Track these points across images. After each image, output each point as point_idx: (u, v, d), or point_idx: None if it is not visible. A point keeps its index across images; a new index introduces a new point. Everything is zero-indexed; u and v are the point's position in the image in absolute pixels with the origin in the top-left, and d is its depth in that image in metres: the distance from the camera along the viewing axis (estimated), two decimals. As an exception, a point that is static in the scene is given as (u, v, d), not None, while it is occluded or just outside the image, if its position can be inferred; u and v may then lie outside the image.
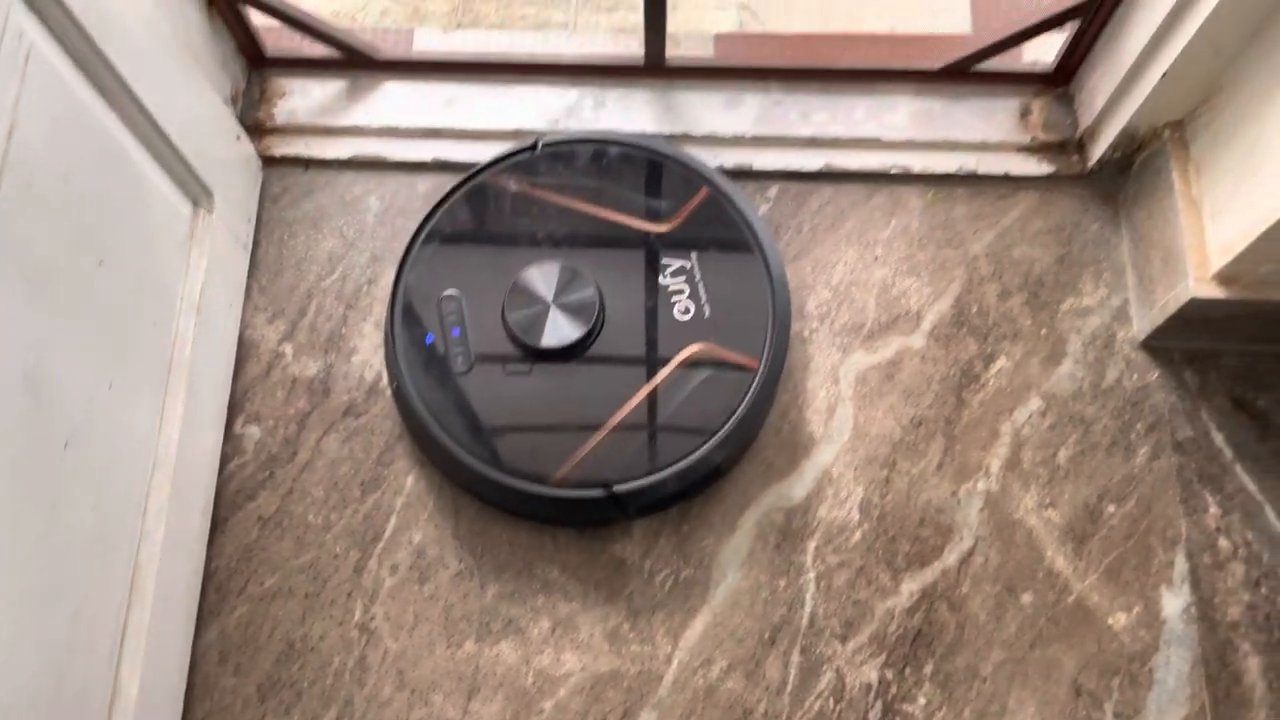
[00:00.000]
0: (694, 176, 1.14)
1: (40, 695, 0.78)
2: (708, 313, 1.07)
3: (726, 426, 1.03)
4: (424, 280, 1.09)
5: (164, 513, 0.96)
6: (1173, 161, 1.10)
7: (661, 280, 1.08)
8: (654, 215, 1.11)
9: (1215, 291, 1.04)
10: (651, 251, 1.10)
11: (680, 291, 1.07)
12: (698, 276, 1.08)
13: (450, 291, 1.08)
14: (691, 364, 1.05)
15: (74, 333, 0.81)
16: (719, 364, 1.05)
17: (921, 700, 1.02)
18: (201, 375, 1.04)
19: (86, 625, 0.84)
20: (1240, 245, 0.99)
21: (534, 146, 1.15)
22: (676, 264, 1.09)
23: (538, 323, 1.06)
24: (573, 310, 1.06)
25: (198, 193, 1.05)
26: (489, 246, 1.11)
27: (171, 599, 0.98)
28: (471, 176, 1.14)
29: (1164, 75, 1.03)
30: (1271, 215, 0.94)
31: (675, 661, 1.04)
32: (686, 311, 1.06)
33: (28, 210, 0.74)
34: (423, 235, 1.12)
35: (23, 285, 0.74)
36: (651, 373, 1.05)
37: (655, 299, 1.08)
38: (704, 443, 1.02)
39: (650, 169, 1.15)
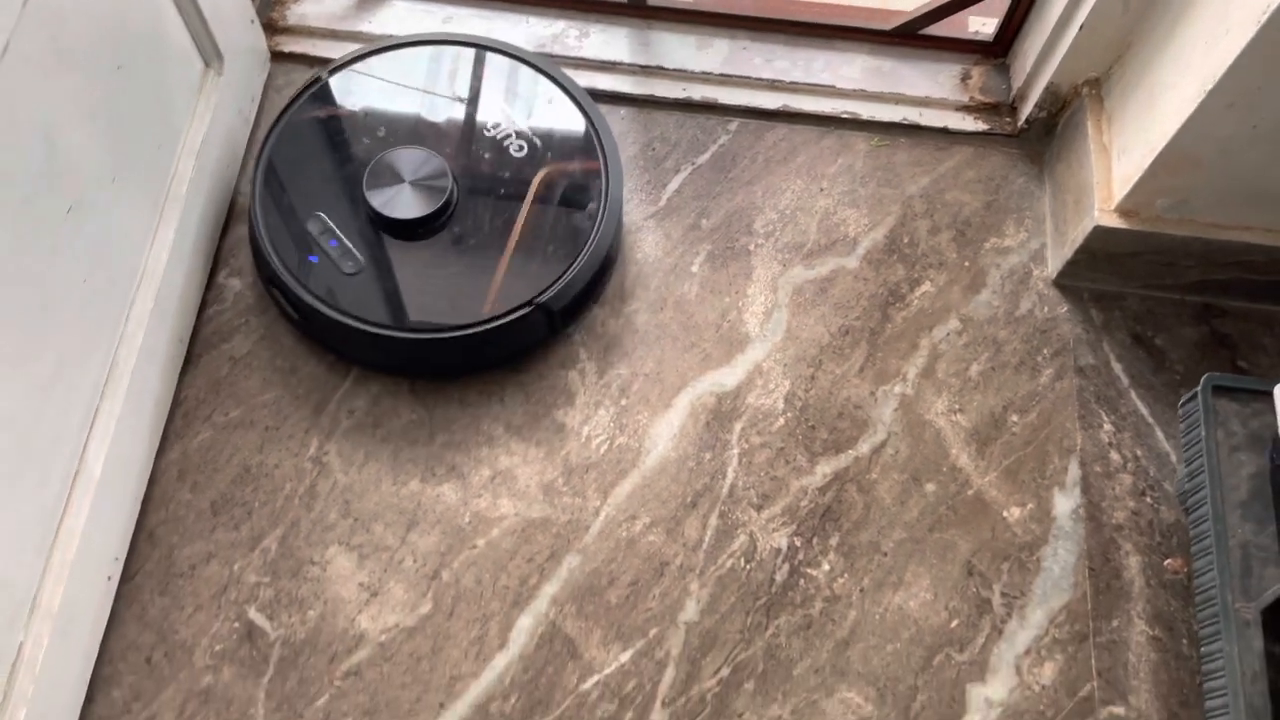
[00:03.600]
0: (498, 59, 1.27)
1: (14, 430, 0.85)
2: (539, 144, 1.21)
3: (600, 219, 1.17)
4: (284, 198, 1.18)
5: (145, 321, 1.05)
6: (1089, 115, 1.22)
7: (488, 134, 1.22)
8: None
9: (1117, 222, 1.15)
10: (469, 123, 1.23)
11: (508, 137, 1.21)
12: (518, 124, 1.22)
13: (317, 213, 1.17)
14: (547, 184, 1.18)
15: (88, 114, 0.91)
16: (569, 174, 1.18)
17: (825, 566, 1.11)
18: (193, 214, 1.14)
19: (64, 386, 0.92)
20: (1135, 176, 1.11)
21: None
22: (495, 120, 1.23)
23: (400, 199, 1.16)
24: (426, 184, 1.16)
25: (210, 53, 1.16)
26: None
27: (142, 403, 1.06)
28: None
29: (1080, 29, 1.16)
30: (1161, 142, 1.06)
31: (602, 515, 1.12)
32: (521, 149, 1.20)
33: (65, -10, 0.85)
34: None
35: (51, 54, 0.84)
36: (519, 205, 1.18)
37: (492, 151, 1.21)
38: (589, 238, 1.16)
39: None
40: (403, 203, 1.15)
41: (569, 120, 1.24)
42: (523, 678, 1.04)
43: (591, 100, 1.26)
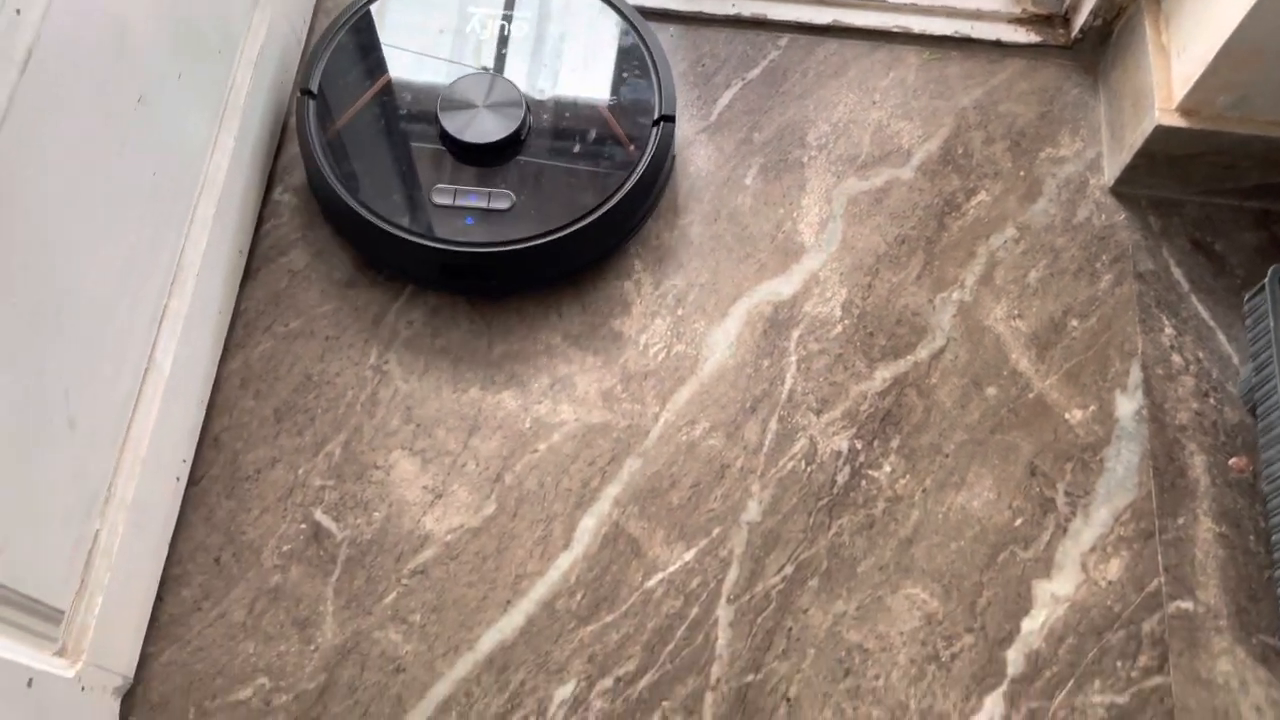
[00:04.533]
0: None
1: (92, 316, 0.86)
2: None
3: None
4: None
5: (209, 225, 1.05)
6: (1146, 18, 1.21)
7: (505, 34, 1.25)
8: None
9: (1178, 121, 1.14)
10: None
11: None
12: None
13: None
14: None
15: (155, 6, 0.91)
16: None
17: (887, 468, 1.10)
18: (251, 126, 1.14)
19: (136, 278, 0.93)
20: (1197, 73, 1.09)
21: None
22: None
23: (479, 123, 1.16)
24: (500, 106, 1.17)
25: (263, -33, 1.16)
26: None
27: (207, 307, 1.07)
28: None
29: (1139, -73, 1.15)
30: (1224, 34, 1.04)
31: (662, 420, 1.12)
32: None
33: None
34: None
35: (121, -60, 0.85)
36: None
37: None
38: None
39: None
40: (483, 126, 1.16)
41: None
42: (588, 575, 1.04)
43: (640, 15, 1.26)
